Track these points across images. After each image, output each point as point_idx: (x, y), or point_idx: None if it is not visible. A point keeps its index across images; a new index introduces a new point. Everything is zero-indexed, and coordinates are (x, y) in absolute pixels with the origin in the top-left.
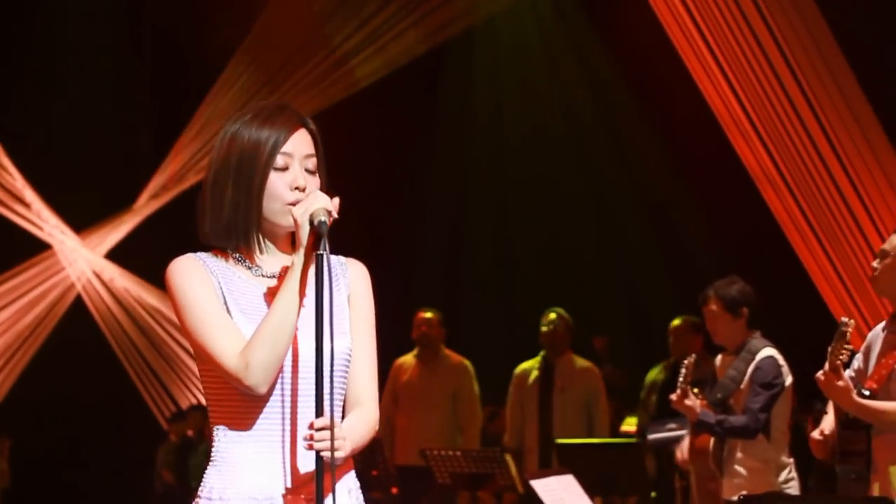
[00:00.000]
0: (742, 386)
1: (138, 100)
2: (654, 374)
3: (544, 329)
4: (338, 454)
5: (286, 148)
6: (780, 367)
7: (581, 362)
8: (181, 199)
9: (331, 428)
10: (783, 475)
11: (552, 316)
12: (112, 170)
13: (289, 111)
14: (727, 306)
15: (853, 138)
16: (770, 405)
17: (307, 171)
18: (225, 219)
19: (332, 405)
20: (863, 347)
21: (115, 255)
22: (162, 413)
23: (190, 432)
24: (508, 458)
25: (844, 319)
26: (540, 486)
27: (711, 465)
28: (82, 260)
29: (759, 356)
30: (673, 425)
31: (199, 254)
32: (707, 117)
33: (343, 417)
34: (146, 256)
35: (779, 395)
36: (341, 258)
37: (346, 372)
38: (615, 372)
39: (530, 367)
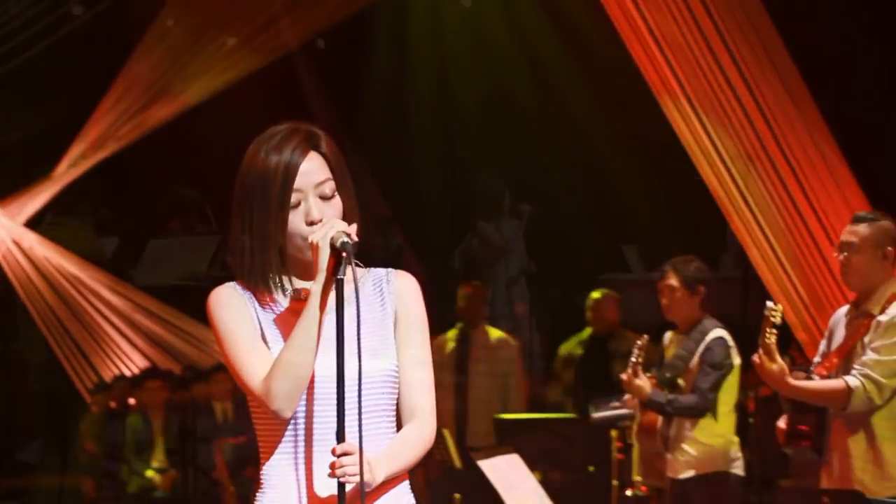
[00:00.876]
0: (691, 365)
1: (57, 66)
2: (570, 347)
3: (460, 303)
4: (354, 479)
5: (296, 185)
6: (729, 347)
7: (497, 333)
8: (101, 167)
9: (359, 455)
10: (730, 454)
11: (468, 289)
12: (31, 138)
13: (297, 137)
14: (686, 283)
15: (787, 113)
16: (719, 385)
17: (322, 197)
18: (246, 265)
19: (360, 429)
20: (826, 332)
21: (35, 224)
22: (83, 384)
23: (113, 404)
24: (447, 433)
25: (770, 304)
26: (486, 465)
27: (659, 444)
28: (1, 228)
29: (708, 337)
30: (616, 403)
31: (236, 283)
32: (643, 90)
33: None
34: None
35: (727, 376)
36: (386, 271)
37: (385, 392)
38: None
39: (447, 338)
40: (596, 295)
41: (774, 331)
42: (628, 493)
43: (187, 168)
